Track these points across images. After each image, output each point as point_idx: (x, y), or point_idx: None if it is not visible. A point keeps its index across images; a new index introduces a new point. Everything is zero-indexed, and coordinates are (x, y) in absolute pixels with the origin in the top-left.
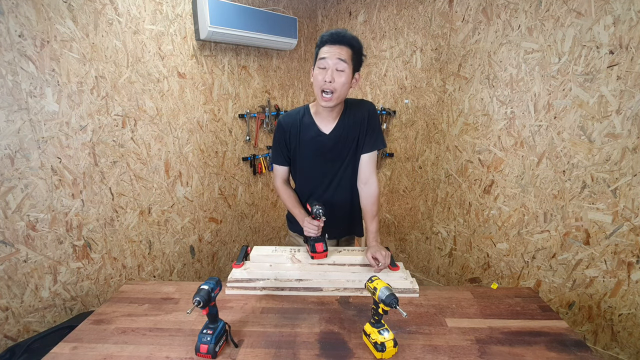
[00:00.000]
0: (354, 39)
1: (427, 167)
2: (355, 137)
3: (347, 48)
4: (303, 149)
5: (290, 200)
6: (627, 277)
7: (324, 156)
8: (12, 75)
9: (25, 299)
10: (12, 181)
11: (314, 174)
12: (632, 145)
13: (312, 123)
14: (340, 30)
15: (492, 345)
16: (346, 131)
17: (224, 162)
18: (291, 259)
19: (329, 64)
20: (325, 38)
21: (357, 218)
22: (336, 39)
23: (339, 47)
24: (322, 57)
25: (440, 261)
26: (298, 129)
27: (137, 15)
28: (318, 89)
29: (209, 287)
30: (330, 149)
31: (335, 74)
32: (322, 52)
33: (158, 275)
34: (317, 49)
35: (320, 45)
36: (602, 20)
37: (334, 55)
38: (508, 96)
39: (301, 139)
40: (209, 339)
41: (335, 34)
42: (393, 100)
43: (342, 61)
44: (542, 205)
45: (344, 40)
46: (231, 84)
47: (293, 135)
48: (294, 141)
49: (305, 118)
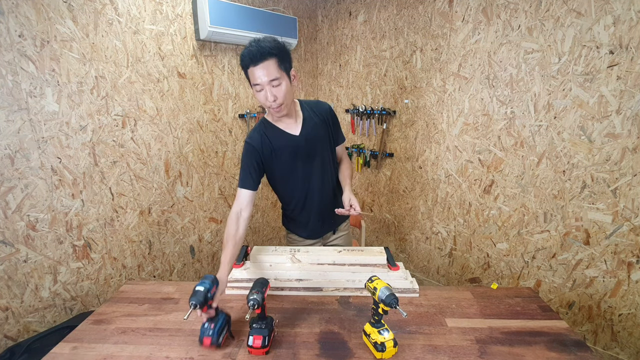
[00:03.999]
0: (273, 47)
1: (427, 167)
2: (325, 135)
3: (272, 59)
4: (280, 157)
5: (230, 240)
6: (627, 277)
7: (301, 157)
8: (12, 75)
9: (25, 299)
10: (12, 181)
11: (296, 177)
12: (632, 145)
13: (278, 131)
14: (256, 47)
15: (492, 345)
16: (315, 129)
17: (224, 162)
18: (291, 259)
19: (263, 85)
20: (246, 60)
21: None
22: (258, 58)
23: (263, 64)
24: (254, 83)
25: (440, 261)
26: (269, 143)
27: (137, 15)
28: (265, 106)
29: (204, 288)
30: (304, 148)
31: (273, 90)
32: (251, 76)
33: (158, 275)
34: (244, 71)
35: (245, 67)
36: (602, 20)
37: (264, 76)
38: (508, 96)
39: (274, 149)
40: (210, 332)
41: (255, 53)
42: (393, 100)
43: (273, 78)
44: (542, 205)
45: (265, 54)
46: (231, 84)
47: (266, 150)
48: (267, 156)
49: (269, 130)
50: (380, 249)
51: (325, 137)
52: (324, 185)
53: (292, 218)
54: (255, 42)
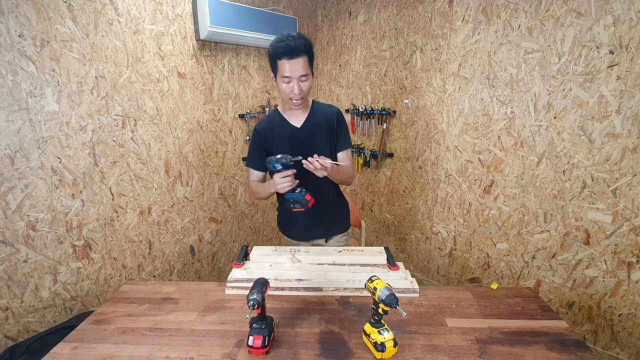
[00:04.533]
0: (307, 45)
1: (427, 167)
2: (327, 135)
3: (305, 57)
4: (279, 146)
5: (259, 184)
6: (627, 277)
7: (298, 148)
8: (12, 75)
9: (25, 299)
10: (12, 181)
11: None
12: (632, 145)
13: (283, 120)
14: (293, 42)
15: (492, 345)
16: (316, 126)
17: (224, 162)
18: (291, 259)
19: (293, 78)
20: (280, 52)
21: (341, 212)
22: (294, 53)
23: (297, 59)
24: (285, 74)
25: (440, 261)
26: (272, 130)
27: (137, 15)
28: (286, 97)
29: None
30: (303, 140)
31: (301, 84)
32: (282, 68)
33: (158, 275)
34: (273, 61)
35: (276, 57)
36: (602, 20)
37: (296, 72)
38: (508, 96)
39: (276, 137)
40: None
41: (292, 48)
42: (393, 100)
43: (304, 74)
44: (542, 205)
45: (300, 51)
46: (231, 84)
47: (268, 137)
48: (270, 142)
49: (276, 118)
50: (380, 249)
51: (325, 138)
52: (318, 185)
53: (282, 215)
54: (292, 38)
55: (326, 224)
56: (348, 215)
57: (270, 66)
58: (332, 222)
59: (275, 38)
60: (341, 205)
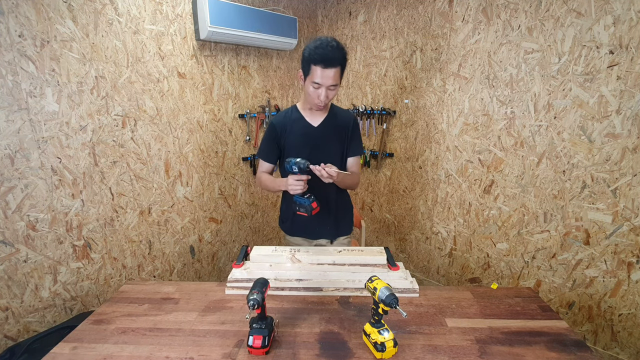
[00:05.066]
0: (344, 57)
1: (427, 167)
2: (341, 139)
3: (339, 68)
4: (293, 141)
5: (270, 178)
6: (627, 277)
7: (310, 146)
8: (12, 75)
9: (25, 299)
10: (12, 181)
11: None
12: (632, 145)
13: (300, 118)
14: (332, 52)
15: (492, 345)
16: (332, 129)
17: (224, 162)
18: (291, 259)
19: (323, 85)
20: (317, 59)
21: (347, 214)
22: (329, 63)
23: (332, 69)
24: (315, 81)
25: (440, 261)
26: (288, 125)
27: (137, 15)
28: (310, 100)
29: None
30: (317, 140)
31: (329, 92)
32: (314, 73)
33: (158, 275)
34: (306, 63)
35: (311, 62)
36: (602, 20)
37: (328, 81)
38: (508, 96)
39: (291, 132)
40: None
41: (329, 58)
42: (393, 100)
43: (334, 84)
44: (542, 205)
45: (337, 62)
46: (231, 84)
47: (284, 131)
48: (284, 137)
49: (294, 114)
50: (380, 249)
51: (338, 141)
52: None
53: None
54: (331, 47)
55: (334, 224)
56: (352, 217)
57: (302, 66)
58: (339, 223)
59: (315, 41)
60: (348, 207)
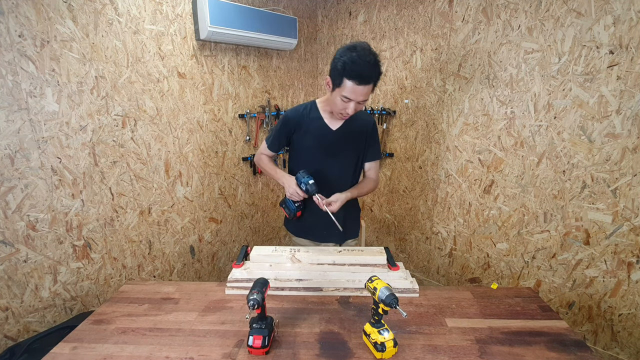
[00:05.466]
0: (379, 75)
1: (427, 167)
2: (358, 145)
3: (372, 85)
4: (307, 141)
5: (270, 163)
6: (627, 277)
7: (325, 150)
8: (12, 75)
9: (25, 299)
10: (12, 181)
11: (312, 165)
12: (632, 145)
13: (319, 118)
14: (369, 71)
15: (492, 345)
16: (351, 134)
17: (224, 162)
18: (291, 259)
19: (352, 100)
20: (353, 75)
21: (354, 219)
22: (366, 81)
23: (365, 87)
24: (347, 96)
25: (440, 261)
26: (304, 123)
27: (137, 15)
28: (336, 109)
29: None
30: (333, 144)
31: (357, 106)
32: (346, 87)
33: (158, 275)
34: (338, 74)
35: (344, 74)
36: (602, 20)
37: (360, 97)
38: (508, 96)
39: (307, 131)
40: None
41: (367, 76)
42: (393, 100)
43: (365, 100)
44: (542, 205)
45: (371, 80)
46: (231, 84)
47: (299, 127)
48: (298, 133)
49: (312, 113)
50: (380, 249)
51: (355, 147)
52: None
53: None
54: (369, 64)
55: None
56: (359, 220)
57: (332, 74)
58: (347, 227)
59: (349, 51)
60: (356, 210)
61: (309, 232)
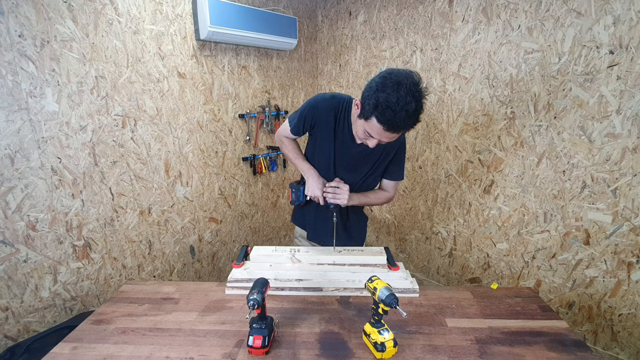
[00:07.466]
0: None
1: (427, 167)
2: (379, 161)
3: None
4: (327, 149)
5: (295, 150)
6: (627, 277)
7: (343, 163)
8: (12, 75)
9: (25, 299)
10: (12, 181)
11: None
12: (632, 145)
13: (349, 127)
14: (404, 119)
15: (492, 345)
16: (373, 151)
17: (224, 162)
18: (291, 259)
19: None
20: (383, 120)
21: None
22: (395, 130)
23: (395, 134)
24: (372, 135)
25: (440, 261)
26: (334, 122)
27: (137, 15)
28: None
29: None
30: (352, 160)
31: (380, 142)
32: (374, 128)
33: (158, 275)
34: (369, 110)
35: (374, 115)
36: (602, 20)
37: (385, 140)
38: (508, 96)
39: (330, 134)
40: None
41: (398, 126)
42: None
43: (390, 141)
44: (542, 205)
45: (404, 130)
46: (231, 84)
47: (324, 123)
48: (322, 128)
49: (344, 115)
50: (380, 249)
51: (375, 165)
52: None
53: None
54: (406, 115)
55: (352, 234)
56: (366, 229)
57: (363, 101)
58: (356, 233)
59: (389, 93)
60: (362, 220)
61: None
